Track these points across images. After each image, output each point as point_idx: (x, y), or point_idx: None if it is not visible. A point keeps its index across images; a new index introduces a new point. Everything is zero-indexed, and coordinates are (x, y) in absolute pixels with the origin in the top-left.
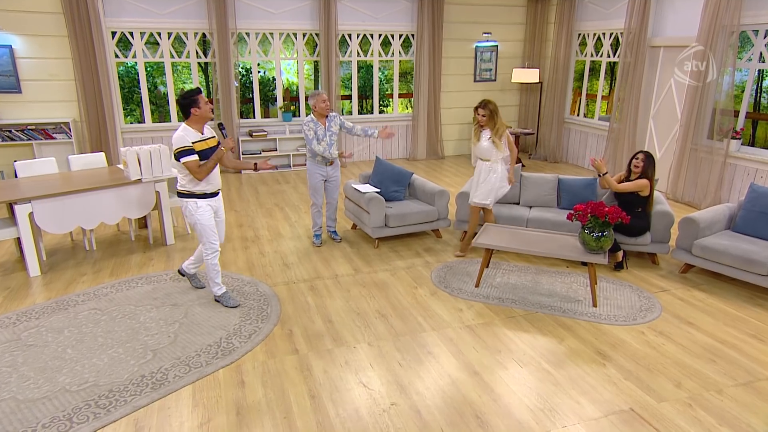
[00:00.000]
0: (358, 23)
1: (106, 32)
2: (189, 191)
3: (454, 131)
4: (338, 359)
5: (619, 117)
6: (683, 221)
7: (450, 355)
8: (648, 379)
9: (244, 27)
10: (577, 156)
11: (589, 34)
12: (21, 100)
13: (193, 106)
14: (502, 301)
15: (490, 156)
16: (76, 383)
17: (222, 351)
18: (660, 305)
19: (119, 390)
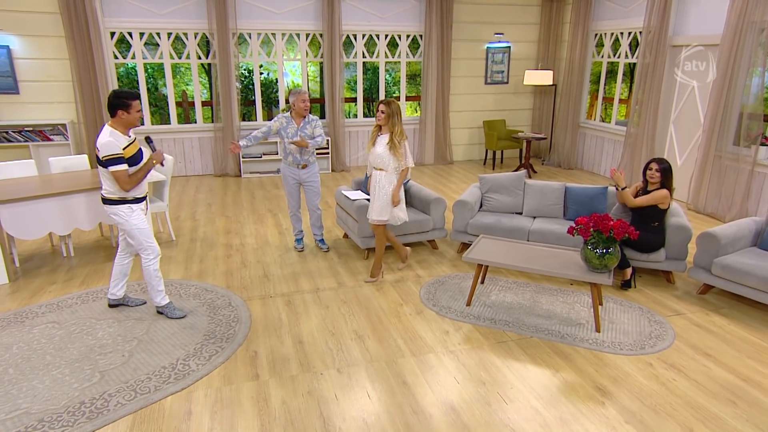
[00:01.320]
0: (363, 23)
1: (104, 33)
2: (120, 197)
3: (464, 135)
4: (301, 388)
5: (637, 121)
6: (702, 237)
7: (427, 386)
8: (654, 424)
9: (246, 27)
10: (592, 162)
11: (606, 33)
12: (19, 101)
13: (122, 108)
14: (494, 322)
15: (385, 165)
16: (6, 410)
17: (176, 374)
18: (673, 332)
19: (50, 420)
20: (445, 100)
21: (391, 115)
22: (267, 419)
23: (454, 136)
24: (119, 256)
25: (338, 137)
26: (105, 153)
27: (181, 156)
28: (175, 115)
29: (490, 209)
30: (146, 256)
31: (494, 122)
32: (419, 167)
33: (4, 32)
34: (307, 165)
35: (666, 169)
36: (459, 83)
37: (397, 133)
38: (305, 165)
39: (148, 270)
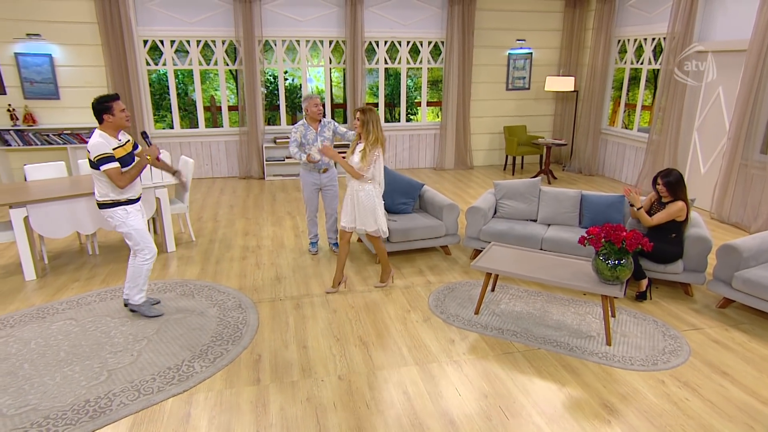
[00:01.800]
0: (385, 30)
1: (137, 41)
2: (113, 200)
3: (485, 141)
4: (300, 394)
5: (660, 128)
6: (722, 249)
7: (427, 397)
8: None
9: (271, 35)
10: (614, 169)
11: (630, 39)
12: (59, 105)
13: (106, 112)
14: (502, 332)
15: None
16: (16, 405)
17: (180, 376)
18: (689, 347)
19: (55, 417)
20: (465, 105)
21: (366, 122)
22: (263, 426)
23: (474, 142)
24: (132, 258)
25: None
26: (95, 153)
27: (208, 159)
28: (203, 120)
29: (504, 216)
30: (143, 256)
31: (515, 128)
32: (439, 171)
33: (48, 41)
34: (327, 169)
35: (672, 182)
36: (480, 89)
37: (370, 140)
38: (326, 169)
39: (141, 269)
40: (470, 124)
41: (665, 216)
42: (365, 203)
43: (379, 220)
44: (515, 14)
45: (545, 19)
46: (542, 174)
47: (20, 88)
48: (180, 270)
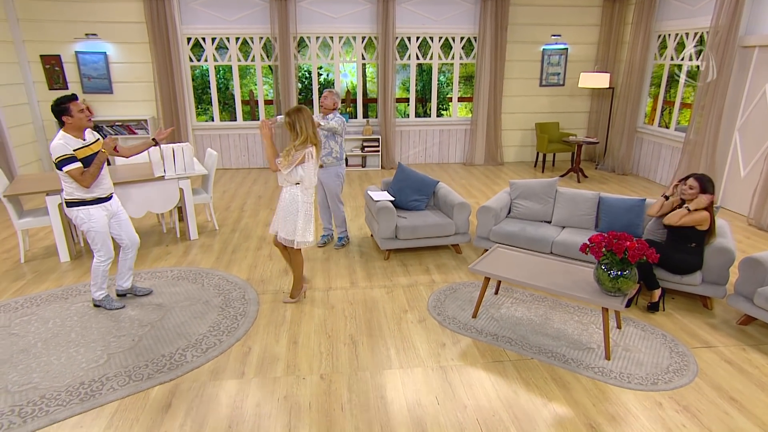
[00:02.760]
0: (417, 26)
1: (181, 38)
2: (79, 198)
3: (516, 137)
4: (279, 391)
5: (699, 128)
6: (745, 262)
7: (404, 403)
8: None
9: (305, 31)
10: (648, 169)
11: (671, 34)
12: (112, 99)
13: (64, 114)
14: (497, 339)
15: (284, 177)
16: (20, 383)
17: (171, 364)
18: (696, 367)
19: (50, 397)
20: (497, 101)
21: (292, 124)
22: (236, 421)
23: (505, 138)
24: (123, 251)
25: (389, 136)
26: (56, 155)
27: (245, 150)
28: (241, 113)
29: (517, 216)
30: (99, 257)
31: (546, 125)
32: (469, 167)
33: (103, 41)
34: (323, 165)
35: (707, 187)
36: (513, 85)
37: (299, 141)
38: (321, 165)
39: (98, 269)
40: (501, 120)
41: (690, 220)
42: (288, 207)
43: (299, 230)
44: (551, 9)
45: (582, 13)
46: (572, 172)
47: (79, 83)
48: (198, 258)
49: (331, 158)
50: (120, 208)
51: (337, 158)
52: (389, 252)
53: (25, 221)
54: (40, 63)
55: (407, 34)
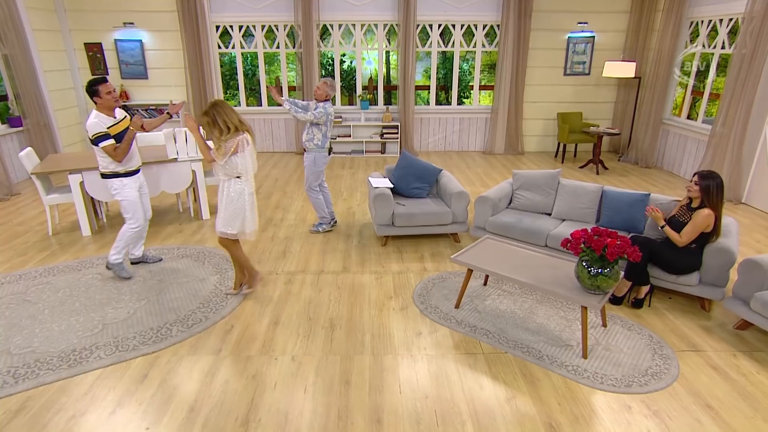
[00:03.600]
0: (439, 13)
1: (210, 26)
2: (113, 171)
3: (538, 126)
4: (249, 370)
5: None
6: (745, 264)
7: (367, 389)
8: None
9: (328, 19)
10: (673, 162)
11: (703, 21)
12: (147, 84)
13: (95, 95)
14: (474, 330)
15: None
16: (21, 346)
17: (156, 337)
18: (677, 371)
19: (44, 361)
20: (518, 90)
21: (213, 122)
22: (203, 396)
23: (527, 127)
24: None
25: (408, 123)
26: (92, 133)
27: (270, 134)
28: (266, 99)
29: (518, 207)
30: (130, 223)
31: (569, 114)
32: (488, 155)
33: (139, 29)
34: (305, 150)
35: (709, 186)
36: (536, 73)
37: (227, 134)
38: (304, 149)
39: (125, 233)
40: (523, 109)
41: (692, 230)
42: (236, 202)
43: (247, 221)
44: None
45: (612, 0)
46: (592, 164)
47: (118, 69)
48: (205, 237)
49: (312, 144)
50: (144, 183)
51: (318, 145)
52: (387, 238)
53: (52, 197)
54: (84, 50)
55: (429, 22)
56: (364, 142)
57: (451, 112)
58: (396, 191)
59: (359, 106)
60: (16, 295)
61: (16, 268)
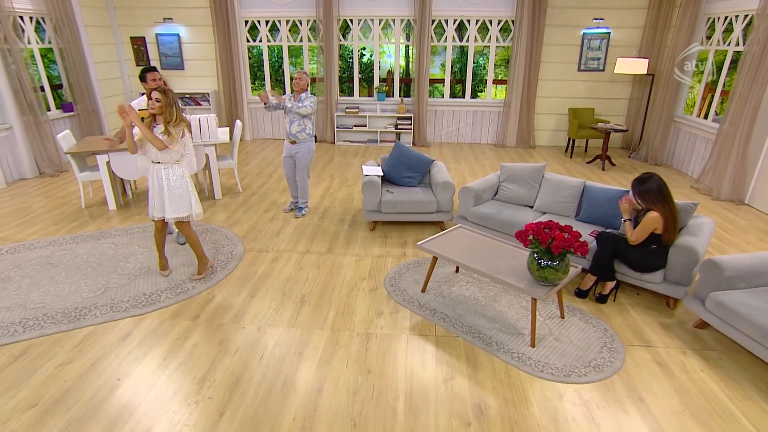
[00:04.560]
0: (454, 9)
1: (240, 21)
2: None
3: (551, 121)
4: (218, 336)
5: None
6: (705, 264)
7: (316, 361)
8: None
9: (348, 14)
10: (682, 161)
11: (720, 17)
12: (183, 75)
13: (143, 81)
14: (434, 314)
15: (164, 157)
16: (36, 302)
17: (146, 301)
18: (622, 364)
19: (49, 316)
20: (531, 85)
21: (168, 105)
22: (171, 356)
23: (540, 122)
24: None
25: (421, 114)
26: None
27: None
28: (289, 89)
29: (502, 199)
30: None
31: (580, 110)
32: (500, 148)
33: (177, 23)
34: (296, 141)
35: (643, 191)
36: (549, 69)
37: (173, 121)
38: (294, 141)
39: None
40: (535, 104)
41: (641, 230)
42: (178, 186)
43: (193, 203)
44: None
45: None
46: (599, 159)
47: (159, 61)
48: (213, 215)
49: (304, 134)
50: None
51: (310, 135)
52: (375, 224)
53: (84, 174)
54: (129, 44)
55: (444, 17)
56: (379, 132)
57: (465, 105)
58: (388, 179)
59: (376, 97)
60: (43, 258)
61: (49, 235)
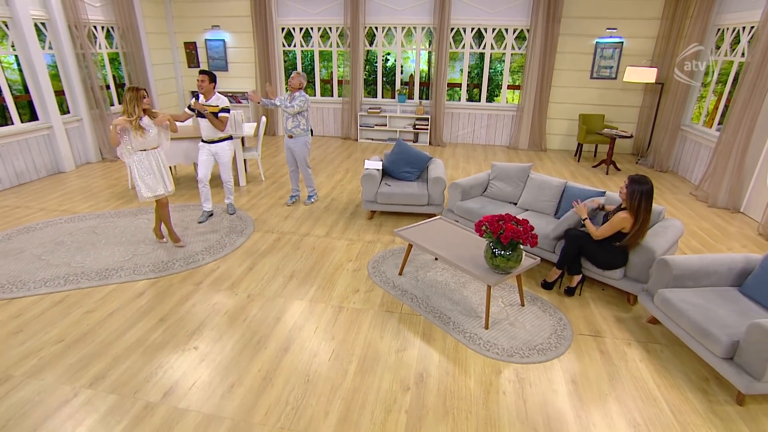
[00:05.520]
0: (472, 18)
1: (277, 28)
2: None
3: (563, 126)
4: (213, 300)
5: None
6: (658, 263)
7: (290, 326)
8: (428, 424)
9: (373, 22)
10: (686, 168)
11: (728, 28)
12: (227, 76)
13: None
14: (403, 293)
15: (161, 141)
16: (78, 262)
17: (162, 268)
18: (566, 350)
19: (86, 273)
20: (544, 91)
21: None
22: (172, 313)
23: (552, 126)
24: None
25: (438, 116)
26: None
27: (321, 120)
28: (319, 90)
29: (490, 195)
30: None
31: (590, 116)
32: (513, 149)
33: (223, 30)
34: (292, 136)
35: (633, 191)
36: (562, 76)
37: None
38: (291, 135)
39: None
40: (548, 109)
41: (608, 228)
42: (159, 164)
43: (165, 179)
44: (608, 2)
45: (642, 7)
46: (603, 164)
47: (207, 63)
48: (235, 200)
49: (299, 129)
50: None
51: (305, 130)
52: (373, 213)
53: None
54: (182, 48)
55: (462, 25)
56: (398, 132)
57: (480, 108)
58: (388, 173)
59: (397, 99)
60: (90, 227)
61: (99, 209)
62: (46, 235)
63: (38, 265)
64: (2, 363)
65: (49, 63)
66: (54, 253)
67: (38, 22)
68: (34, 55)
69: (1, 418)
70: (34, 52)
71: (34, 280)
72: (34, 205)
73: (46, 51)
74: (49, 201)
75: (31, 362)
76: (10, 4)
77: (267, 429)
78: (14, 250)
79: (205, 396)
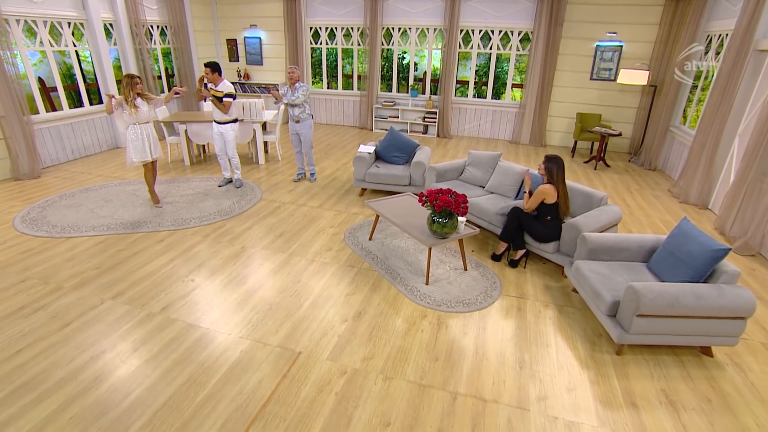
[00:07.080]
0: (480, 20)
1: (305, 27)
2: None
3: (563, 124)
4: (215, 248)
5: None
6: (579, 238)
7: (263, 275)
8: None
9: (390, 23)
10: (672, 167)
11: (716, 35)
12: (262, 69)
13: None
14: (367, 254)
15: (150, 117)
16: (119, 215)
17: (179, 223)
18: (488, 306)
19: (123, 224)
20: (545, 90)
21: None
22: (178, 256)
23: (552, 123)
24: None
25: (446, 111)
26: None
27: (341, 110)
28: (342, 84)
29: (463, 179)
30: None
31: (587, 115)
32: (515, 144)
33: (259, 29)
34: (299, 120)
35: (551, 168)
36: (563, 76)
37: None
38: (298, 120)
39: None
40: (549, 107)
41: (533, 199)
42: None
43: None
44: (609, 8)
45: (644, 12)
46: (593, 160)
47: (245, 58)
48: (251, 175)
49: (305, 114)
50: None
51: (310, 114)
52: (364, 190)
53: (171, 138)
54: (225, 44)
55: (471, 27)
56: (409, 123)
57: (486, 104)
58: (379, 157)
59: (410, 94)
60: (132, 191)
61: (141, 178)
62: (99, 194)
63: (90, 215)
64: (58, 278)
65: (114, 56)
66: (103, 207)
67: (107, 23)
68: (102, 50)
69: (53, 312)
70: (102, 47)
71: (86, 226)
72: (94, 172)
73: (112, 46)
74: (106, 169)
75: (76, 280)
76: (86, 9)
77: (231, 337)
78: (75, 204)
79: (191, 312)
